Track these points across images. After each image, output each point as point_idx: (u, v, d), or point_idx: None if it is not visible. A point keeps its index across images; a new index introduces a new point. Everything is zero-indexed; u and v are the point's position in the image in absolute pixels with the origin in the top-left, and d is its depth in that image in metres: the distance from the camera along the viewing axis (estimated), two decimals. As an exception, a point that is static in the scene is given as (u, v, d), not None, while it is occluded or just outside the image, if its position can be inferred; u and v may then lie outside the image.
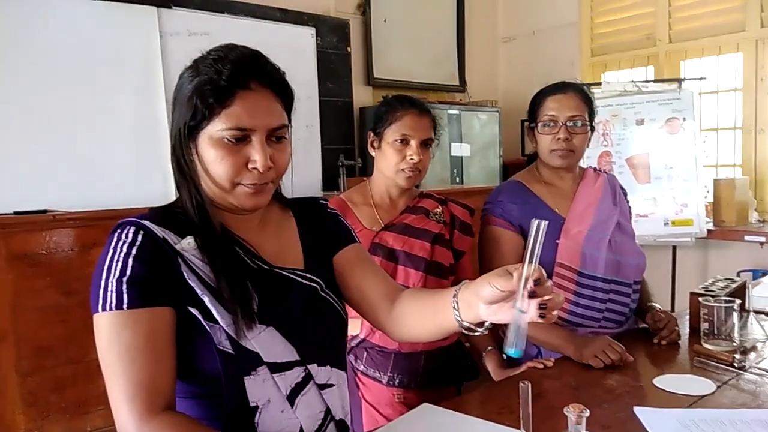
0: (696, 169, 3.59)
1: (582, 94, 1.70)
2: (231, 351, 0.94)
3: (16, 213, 2.37)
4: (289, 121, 1.04)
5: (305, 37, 3.82)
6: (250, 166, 0.97)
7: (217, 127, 0.95)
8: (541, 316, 0.84)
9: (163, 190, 3.05)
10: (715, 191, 3.65)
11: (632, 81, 3.85)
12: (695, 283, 3.80)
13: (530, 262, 0.83)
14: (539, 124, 1.71)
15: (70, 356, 2.37)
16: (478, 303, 0.90)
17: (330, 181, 3.87)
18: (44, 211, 2.43)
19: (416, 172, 1.67)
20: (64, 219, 2.39)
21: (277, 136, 1.00)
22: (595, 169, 1.81)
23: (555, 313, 0.86)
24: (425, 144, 1.67)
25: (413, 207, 1.74)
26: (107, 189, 2.95)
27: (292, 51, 3.71)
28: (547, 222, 0.83)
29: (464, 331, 0.96)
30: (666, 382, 1.36)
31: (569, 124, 1.66)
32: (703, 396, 1.29)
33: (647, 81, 3.91)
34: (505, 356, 1.71)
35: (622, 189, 1.84)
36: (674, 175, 3.61)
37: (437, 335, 1.07)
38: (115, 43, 3.06)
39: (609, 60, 4.52)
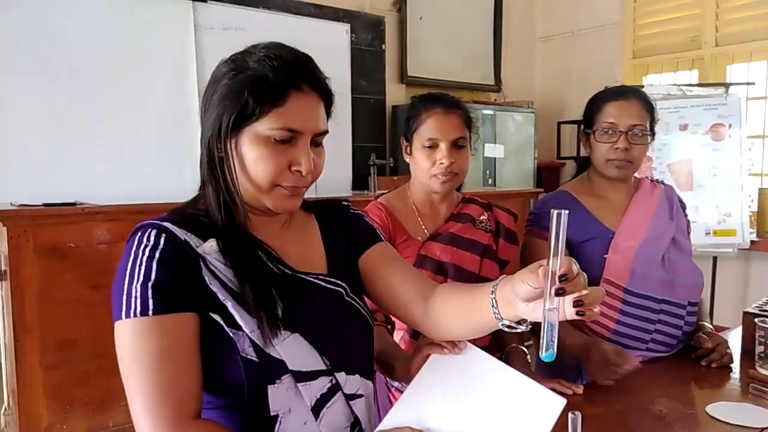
0: (741, 178, 3.47)
1: (644, 102, 1.60)
2: (255, 359, 0.90)
3: (45, 205, 2.36)
4: None
5: (340, 33, 3.79)
6: (293, 168, 0.96)
7: (266, 126, 0.93)
8: (579, 313, 0.78)
9: (193, 185, 3.00)
10: (760, 200, 3.53)
11: (676, 84, 3.71)
12: (736, 296, 3.71)
13: (554, 256, 0.77)
14: (597, 131, 1.61)
15: (95, 351, 2.36)
16: (516, 301, 0.85)
17: (360, 181, 3.82)
18: (73, 204, 2.41)
19: (451, 176, 1.55)
20: (93, 212, 2.38)
21: (317, 142, 1.00)
22: (651, 180, 1.71)
23: (596, 310, 0.79)
24: (457, 144, 1.55)
25: (458, 214, 1.64)
26: (137, 183, 2.95)
27: (326, 47, 3.67)
28: (567, 211, 0.76)
29: (505, 329, 0.90)
30: (720, 410, 1.26)
31: (630, 132, 1.57)
32: (764, 429, 1.19)
33: (692, 85, 3.77)
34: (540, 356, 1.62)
35: (681, 202, 1.73)
36: (718, 183, 3.49)
37: (476, 333, 1.01)
38: (150, 37, 3.06)
39: (651, 62, 4.38)
